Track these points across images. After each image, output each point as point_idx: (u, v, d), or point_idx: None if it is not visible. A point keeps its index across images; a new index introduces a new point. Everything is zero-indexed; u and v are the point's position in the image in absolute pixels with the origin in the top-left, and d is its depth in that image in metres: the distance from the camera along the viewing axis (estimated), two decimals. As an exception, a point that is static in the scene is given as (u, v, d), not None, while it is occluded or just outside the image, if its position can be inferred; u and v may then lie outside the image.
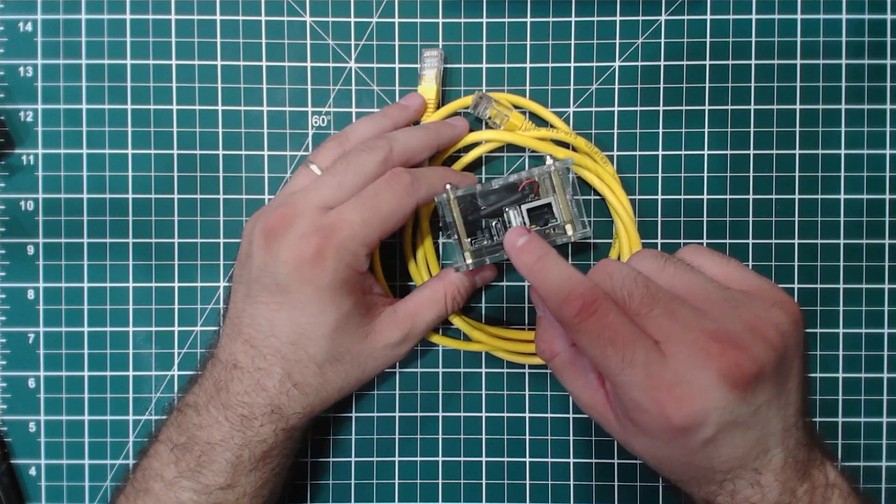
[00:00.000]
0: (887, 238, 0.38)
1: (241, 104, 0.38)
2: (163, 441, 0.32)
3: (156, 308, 0.38)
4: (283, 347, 0.31)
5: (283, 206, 0.32)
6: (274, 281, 0.31)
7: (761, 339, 0.26)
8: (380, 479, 0.38)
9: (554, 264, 0.28)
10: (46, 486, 0.38)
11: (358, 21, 0.38)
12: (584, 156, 0.36)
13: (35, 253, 0.38)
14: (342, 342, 0.32)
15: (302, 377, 0.32)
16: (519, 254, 0.29)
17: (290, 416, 0.32)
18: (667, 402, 0.26)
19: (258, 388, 0.31)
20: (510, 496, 0.38)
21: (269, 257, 0.31)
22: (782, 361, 0.27)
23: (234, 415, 0.31)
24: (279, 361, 0.31)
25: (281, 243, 0.31)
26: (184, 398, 0.33)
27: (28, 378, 0.38)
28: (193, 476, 0.31)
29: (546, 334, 0.31)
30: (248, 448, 0.31)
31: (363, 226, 0.31)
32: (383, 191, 0.32)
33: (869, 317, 0.38)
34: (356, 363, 0.33)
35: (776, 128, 0.38)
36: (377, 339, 0.33)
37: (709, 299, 0.28)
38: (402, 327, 0.33)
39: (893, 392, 0.38)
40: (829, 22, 0.38)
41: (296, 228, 0.31)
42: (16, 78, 0.38)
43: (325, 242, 0.30)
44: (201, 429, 0.31)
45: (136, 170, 0.38)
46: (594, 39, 0.38)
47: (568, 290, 0.27)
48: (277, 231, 0.31)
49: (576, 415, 0.38)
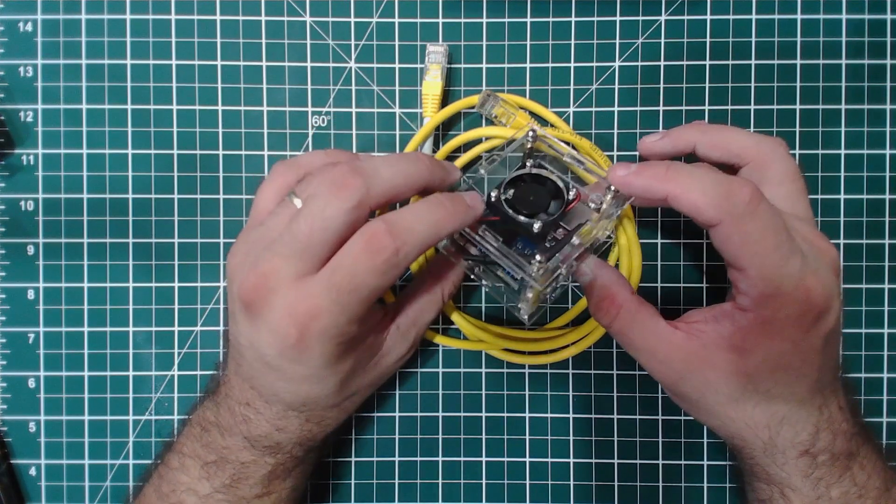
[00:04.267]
0: (887, 238, 0.38)
1: (241, 104, 0.38)
2: (190, 455, 0.32)
3: (156, 308, 0.38)
4: (292, 404, 0.30)
5: (255, 273, 0.28)
6: (263, 360, 0.29)
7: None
8: (380, 479, 0.38)
9: (688, 168, 0.28)
10: (46, 486, 0.38)
11: (358, 21, 0.38)
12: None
13: (35, 253, 0.38)
14: (352, 386, 0.32)
15: (320, 417, 0.32)
16: (643, 172, 0.28)
17: (317, 437, 0.32)
18: (814, 286, 0.27)
19: (280, 430, 0.31)
20: (510, 496, 0.38)
21: (254, 335, 0.29)
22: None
23: (261, 446, 0.31)
24: (294, 413, 0.31)
25: (261, 324, 0.28)
26: (204, 414, 0.32)
27: (28, 378, 0.38)
28: (229, 490, 0.31)
29: (604, 291, 0.30)
30: (282, 464, 0.32)
31: (342, 311, 0.27)
32: (360, 268, 0.27)
33: (869, 317, 0.38)
34: (369, 386, 0.33)
35: (776, 128, 0.38)
36: (387, 360, 0.33)
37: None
38: (407, 339, 0.33)
39: (893, 392, 0.38)
40: (829, 22, 0.38)
41: (273, 309, 0.28)
42: (16, 78, 0.38)
43: (305, 332, 0.27)
44: (230, 451, 0.31)
45: (136, 170, 0.38)
46: (594, 39, 0.38)
47: (727, 182, 0.27)
48: (254, 307, 0.28)
49: (576, 415, 0.38)
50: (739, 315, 0.29)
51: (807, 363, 0.28)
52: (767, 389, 0.29)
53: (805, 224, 0.30)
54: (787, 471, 0.30)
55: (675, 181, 0.28)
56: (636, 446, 0.38)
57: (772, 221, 0.27)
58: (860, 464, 0.30)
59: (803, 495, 0.30)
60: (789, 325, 0.28)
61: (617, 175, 0.29)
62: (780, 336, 0.28)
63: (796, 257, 0.27)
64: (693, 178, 0.27)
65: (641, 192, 0.29)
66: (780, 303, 0.27)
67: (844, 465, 0.30)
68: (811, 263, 0.28)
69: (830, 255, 0.29)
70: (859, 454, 0.30)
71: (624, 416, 0.38)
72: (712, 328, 0.29)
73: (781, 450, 0.30)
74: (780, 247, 0.27)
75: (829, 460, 0.29)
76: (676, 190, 0.28)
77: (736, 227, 0.27)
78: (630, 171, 0.29)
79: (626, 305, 0.30)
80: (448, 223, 0.29)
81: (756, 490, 0.32)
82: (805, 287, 0.27)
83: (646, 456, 0.38)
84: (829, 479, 0.29)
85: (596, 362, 0.38)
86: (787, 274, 0.27)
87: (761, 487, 0.31)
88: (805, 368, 0.28)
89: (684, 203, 0.28)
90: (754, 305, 0.28)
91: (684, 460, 0.38)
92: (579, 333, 0.36)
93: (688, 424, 0.38)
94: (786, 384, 0.29)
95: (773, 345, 0.28)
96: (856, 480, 0.30)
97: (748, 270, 0.27)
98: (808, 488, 0.29)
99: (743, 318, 0.28)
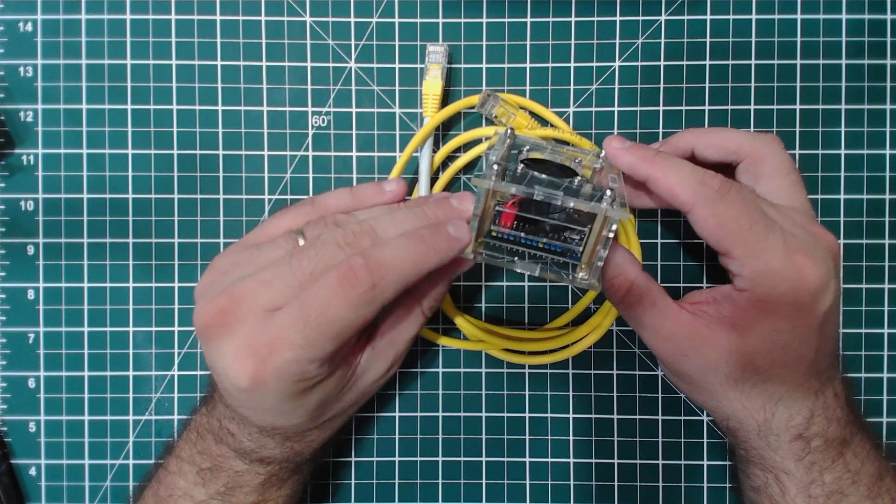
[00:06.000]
0: (887, 238, 0.38)
1: (241, 104, 0.38)
2: (186, 461, 0.32)
3: (156, 308, 0.38)
4: (264, 430, 0.30)
5: (224, 296, 0.27)
6: (225, 390, 0.28)
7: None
8: (380, 479, 0.38)
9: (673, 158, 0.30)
10: (46, 486, 0.38)
11: (358, 21, 0.38)
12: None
13: (35, 253, 0.38)
14: (327, 411, 0.31)
15: (300, 437, 0.31)
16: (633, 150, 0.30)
17: (304, 452, 0.32)
18: (804, 263, 0.28)
19: (263, 448, 0.31)
20: (510, 496, 0.38)
21: (212, 363, 0.28)
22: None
23: (249, 459, 0.31)
24: (268, 437, 0.30)
25: (217, 354, 0.27)
26: (200, 420, 0.32)
27: (28, 378, 0.38)
28: (224, 497, 0.31)
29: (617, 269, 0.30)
30: (275, 475, 0.31)
31: (307, 347, 0.26)
32: (333, 300, 0.26)
33: (869, 317, 0.38)
34: (351, 406, 0.32)
35: (776, 128, 0.38)
36: (364, 380, 0.31)
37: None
38: (385, 359, 0.31)
39: (893, 392, 0.38)
40: (829, 22, 0.38)
41: (232, 338, 0.27)
42: (16, 78, 0.38)
43: (261, 367, 0.26)
44: (224, 459, 0.31)
45: (136, 170, 0.38)
46: (594, 39, 0.38)
47: (702, 172, 0.29)
48: (211, 332, 0.27)
49: (576, 415, 0.38)
50: (737, 295, 0.29)
51: (804, 343, 0.29)
52: (766, 369, 0.29)
53: (802, 215, 0.31)
54: (781, 454, 0.30)
55: (657, 166, 0.29)
56: (636, 446, 0.38)
57: (742, 203, 0.28)
58: (854, 451, 0.30)
59: (796, 479, 0.30)
60: (785, 302, 0.28)
61: (611, 146, 0.30)
62: (776, 313, 0.28)
63: (775, 233, 0.28)
64: (673, 166, 0.29)
65: (627, 168, 0.30)
66: (773, 279, 0.28)
67: (838, 451, 0.30)
68: (800, 242, 0.28)
69: (827, 240, 0.30)
70: (853, 442, 0.31)
71: (624, 416, 0.38)
72: (714, 309, 0.30)
73: (776, 432, 0.30)
74: (754, 224, 0.28)
75: (823, 445, 0.30)
76: (657, 174, 0.29)
77: (709, 209, 0.28)
78: (623, 146, 0.30)
79: (637, 281, 0.30)
80: (429, 260, 0.28)
81: (751, 476, 0.32)
82: (795, 264, 0.28)
83: (646, 456, 0.38)
84: (822, 464, 0.30)
85: (596, 362, 0.38)
86: (771, 247, 0.28)
87: (755, 473, 0.32)
88: (802, 348, 0.29)
89: (662, 186, 0.29)
90: (749, 284, 0.29)
91: (684, 460, 0.38)
92: (579, 333, 0.36)
93: (688, 424, 0.38)
94: (783, 363, 0.29)
95: (770, 322, 0.29)
96: (849, 467, 0.30)
97: (732, 251, 0.28)
98: (802, 472, 0.30)
99: (741, 298, 0.29)
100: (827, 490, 0.30)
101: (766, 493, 0.31)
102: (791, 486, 0.30)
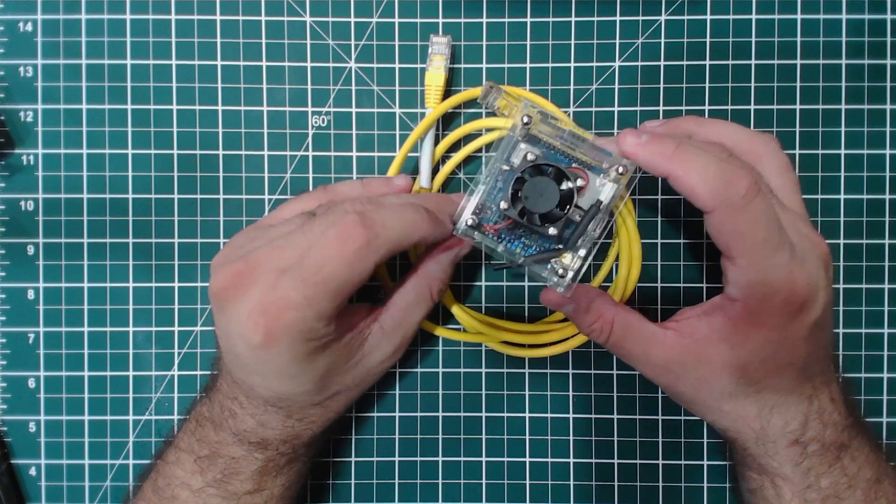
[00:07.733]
0: (887, 238, 0.38)
1: (241, 104, 0.38)
2: (185, 450, 0.32)
3: (156, 308, 0.38)
4: (269, 399, 0.30)
5: (241, 261, 0.28)
6: (236, 356, 0.29)
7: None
8: (380, 479, 0.38)
9: (696, 150, 0.27)
10: (46, 486, 0.38)
11: (358, 21, 0.38)
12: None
13: (35, 253, 0.38)
14: (332, 385, 0.31)
15: (302, 414, 0.31)
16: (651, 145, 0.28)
17: (302, 435, 0.32)
18: (798, 276, 0.28)
19: (263, 426, 0.31)
20: (510, 496, 0.38)
21: (225, 328, 0.29)
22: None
23: (248, 441, 0.31)
24: (273, 409, 0.31)
25: (231, 317, 0.28)
26: (200, 409, 0.33)
27: (28, 378, 0.38)
28: (220, 485, 0.31)
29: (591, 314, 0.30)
30: (272, 460, 0.32)
31: (309, 305, 0.27)
32: (329, 256, 0.27)
33: (869, 317, 0.38)
34: (355, 385, 0.32)
35: (776, 128, 0.38)
36: (371, 359, 0.32)
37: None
38: (393, 340, 0.32)
39: (893, 392, 0.38)
40: (829, 22, 0.38)
41: (247, 299, 0.28)
42: (16, 78, 0.38)
43: (274, 324, 0.27)
44: (222, 446, 0.31)
45: (136, 170, 0.38)
46: (594, 39, 0.38)
47: (730, 171, 0.27)
48: (228, 294, 0.28)
49: (576, 415, 0.38)
50: (729, 305, 0.29)
51: (793, 352, 0.29)
52: (758, 379, 0.29)
53: (797, 218, 0.30)
54: (778, 460, 0.30)
55: (679, 162, 0.27)
56: (636, 446, 0.38)
57: (764, 215, 0.27)
58: (851, 455, 0.30)
59: (793, 484, 0.30)
60: (774, 315, 0.28)
61: (627, 142, 0.29)
62: (767, 325, 0.28)
63: (785, 250, 0.28)
64: (697, 162, 0.27)
65: (645, 164, 0.28)
66: (767, 293, 0.28)
67: (835, 455, 0.30)
68: (799, 255, 0.28)
69: (821, 248, 0.30)
70: (851, 446, 0.31)
71: (624, 416, 0.38)
72: (705, 323, 0.30)
73: (772, 439, 0.30)
74: (769, 239, 0.27)
75: (819, 450, 0.30)
76: (679, 171, 0.27)
77: (729, 217, 0.27)
78: (640, 140, 0.28)
79: (616, 320, 0.30)
80: (421, 229, 0.29)
81: (748, 480, 0.32)
82: (791, 278, 0.28)
83: (646, 456, 0.38)
84: (819, 469, 0.30)
85: (596, 362, 0.38)
86: (775, 265, 0.28)
87: (752, 477, 0.32)
88: (791, 357, 0.29)
89: (684, 185, 0.28)
90: (743, 294, 0.29)
91: (684, 460, 0.38)
92: (579, 331, 0.36)
93: (688, 424, 0.38)
94: (775, 373, 0.29)
95: (761, 334, 0.29)
96: (846, 471, 0.30)
97: (738, 259, 0.28)
98: (798, 477, 0.30)
99: (733, 309, 0.29)
100: (823, 494, 0.30)
101: (761, 496, 0.31)
102: (787, 491, 0.30)
